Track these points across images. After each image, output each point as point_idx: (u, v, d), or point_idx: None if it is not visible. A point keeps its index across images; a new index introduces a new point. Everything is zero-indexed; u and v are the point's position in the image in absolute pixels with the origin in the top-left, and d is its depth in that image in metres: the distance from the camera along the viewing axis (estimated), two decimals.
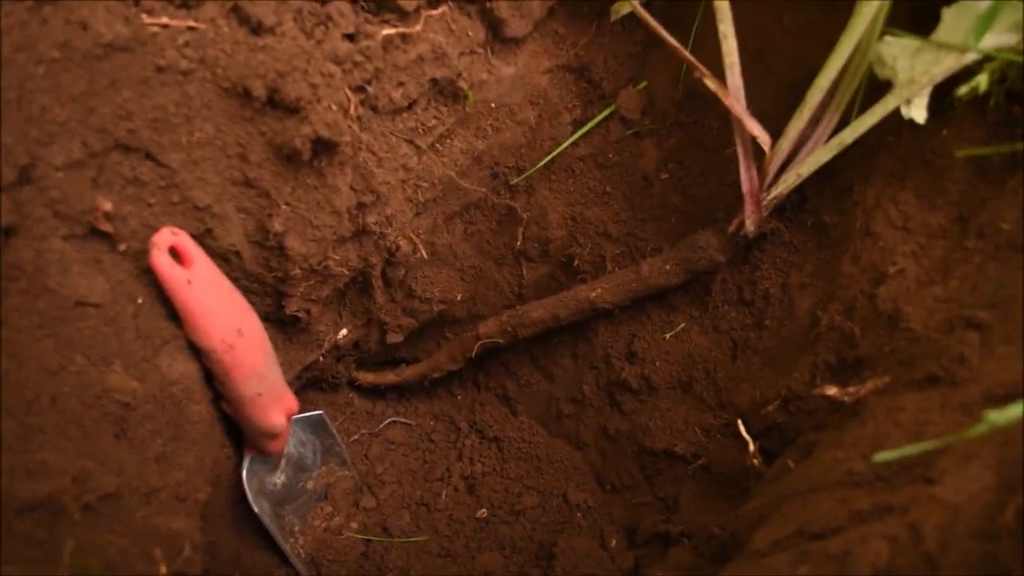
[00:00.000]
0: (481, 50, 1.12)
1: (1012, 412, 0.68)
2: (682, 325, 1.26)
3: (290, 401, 1.19)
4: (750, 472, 1.08)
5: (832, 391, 0.92)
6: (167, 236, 1.02)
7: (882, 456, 0.73)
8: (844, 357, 0.99)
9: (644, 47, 1.20)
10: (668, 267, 1.15)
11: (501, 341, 1.33)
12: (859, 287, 1.01)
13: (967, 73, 0.93)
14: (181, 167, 1.03)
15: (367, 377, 1.49)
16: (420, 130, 1.13)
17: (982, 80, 0.91)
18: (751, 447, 1.07)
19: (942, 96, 0.97)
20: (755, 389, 1.13)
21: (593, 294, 1.21)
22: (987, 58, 0.91)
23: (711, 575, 1.01)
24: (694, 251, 1.13)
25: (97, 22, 0.93)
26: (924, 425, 0.80)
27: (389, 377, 1.48)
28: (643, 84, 1.21)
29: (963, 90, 0.93)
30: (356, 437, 1.52)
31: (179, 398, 1.08)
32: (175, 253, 1.03)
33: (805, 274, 1.11)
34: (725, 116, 1.15)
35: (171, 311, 1.06)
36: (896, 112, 0.99)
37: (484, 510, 1.42)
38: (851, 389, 0.92)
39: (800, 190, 1.13)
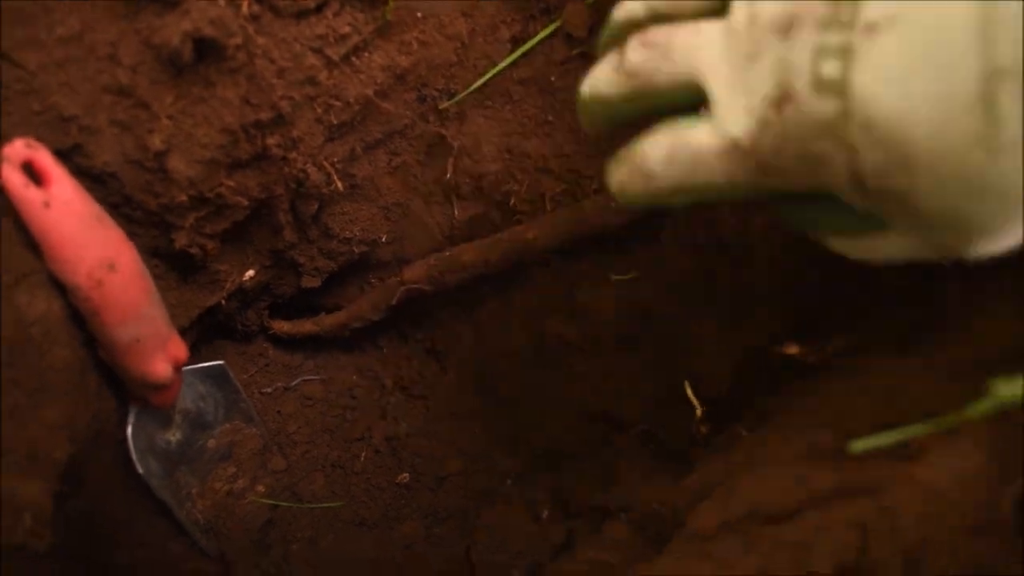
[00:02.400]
0: None
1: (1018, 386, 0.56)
2: (632, 275, 1.12)
3: (177, 348, 1.03)
4: (698, 441, 0.96)
5: (794, 350, 0.80)
6: (21, 149, 0.85)
7: (858, 445, 0.60)
8: (803, 311, 0.86)
9: None
10: (614, 205, 1.00)
11: (428, 288, 1.19)
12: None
13: None
14: (41, 70, 0.86)
15: (282, 326, 1.35)
16: (331, 38, 0.97)
17: None
18: (698, 412, 0.94)
19: None
20: (707, 348, 1.01)
21: (530, 235, 1.07)
22: None
23: (648, 556, 0.88)
24: None
25: None
26: (902, 391, 0.68)
27: (307, 327, 1.33)
28: None
29: None
30: (269, 390, 1.38)
31: (39, 341, 0.92)
32: (31, 169, 0.87)
33: (766, 220, 0.98)
34: None
35: (30, 238, 0.90)
36: None
37: (406, 475, 1.29)
38: (818, 346, 0.79)
39: None
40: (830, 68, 0.53)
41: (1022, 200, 0.49)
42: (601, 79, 0.67)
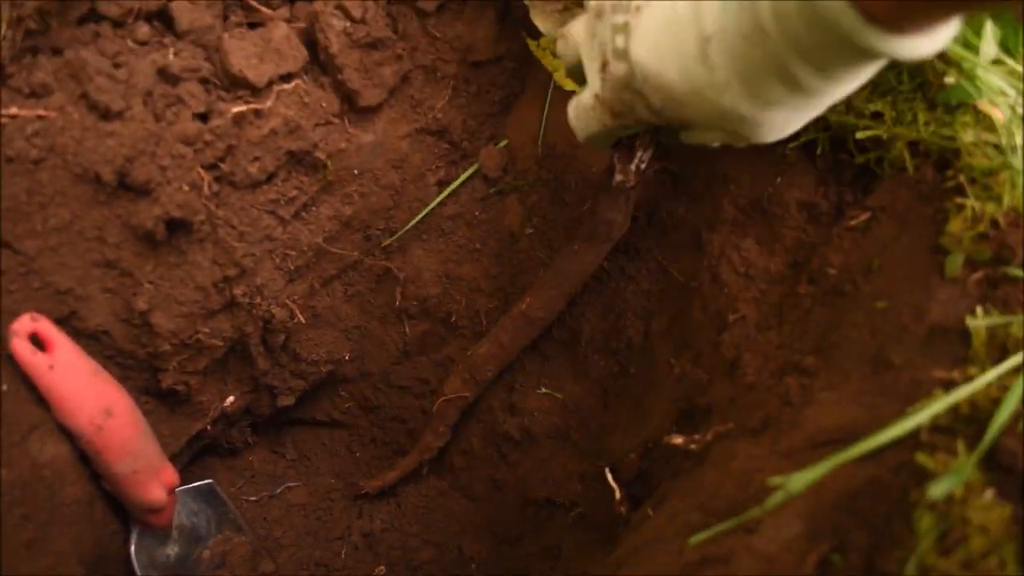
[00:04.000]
0: (337, 120, 1.15)
1: (805, 478, 0.72)
2: (555, 394, 1.29)
3: (169, 474, 1.19)
4: (619, 520, 1.11)
5: (678, 440, 0.95)
6: (26, 322, 1.02)
7: (695, 539, 0.77)
8: (695, 404, 1.02)
9: (502, 107, 1.24)
10: (577, 247, 1.14)
11: (469, 395, 1.33)
12: (706, 335, 1.04)
13: None
14: (39, 253, 1.04)
15: (375, 484, 1.48)
16: (282, 201, 1.15)
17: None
18: (617, 495, 1.09)
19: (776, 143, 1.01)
20: (623, 437, 1.16)
21: (524, 307, 1.21)
22: None
23: None
24: (592, 224, 1.12)
25: None
26: (754, 473, 0.83)
27: (391, 477, 1.47)
28: (503, 143, 1.24)
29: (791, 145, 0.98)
30: (255, 498, 1.53)
31: (51, 481, 1.08)
32: (36, 339, 1.03)
33: (663, 322, 1.15)
34: (582, 172, 1.19)
35: (39, 396, 1.07)
36: (740, 160, 1.04)
37: (382, 567, 1.43)
38: (696, 437, 0.95)
39: (660, 238, 1.17)
40: (619, 41, 0.78)
41: (754, 118, 0.72)
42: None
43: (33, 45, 1.01)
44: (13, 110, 1.00)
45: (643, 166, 1.01)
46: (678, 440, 0.95)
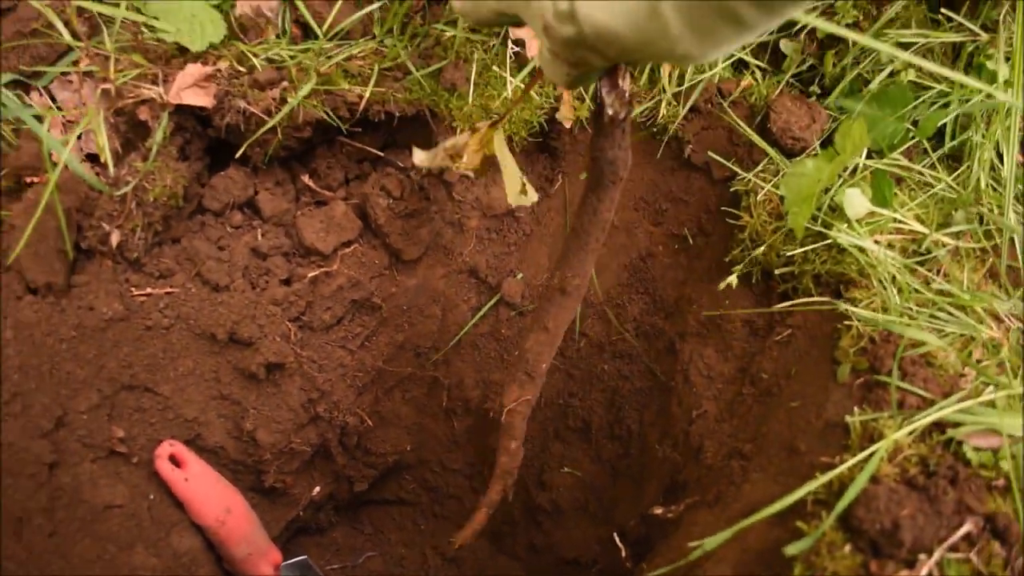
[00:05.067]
0: (387, 271, 1.49)
1: (717, 539, 1.01)
2: (572, 471, 1.59)
3: (275, 555, 1.51)
4: (628, 574, 1.40)
5: (659, 511, 1.25)
6: (166, 447, 1.36)
7: None
8: (675, 481, 1.32)
9: (517, 246, 1.56)
10: (589, 198, 1.08)
11: (531, 396, 1.34)
12: (681, 425, 1.34)
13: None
14: (172, 393, 1.38)
15: (465, 535, 1.53)
16: (349, 337, 1.49)
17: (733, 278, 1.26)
18: (623, 553, 1.38)
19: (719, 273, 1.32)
20: (628, 506, 1.46)
21: (556, 280, 1.17)
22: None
23: None
24: (597, 169, 1.04)
25: (100, 304, 1.29)
26: (706, 535, 1.13)
27: (479, 518, 1.52)
28: (520, 275, 1.57)
29: (730, 278, 1.28)
30: (340, 567, 1.85)
31: (188, 566, 1.41)
32: (174, 459, 1.37)
33: (652, 414, 1.45)
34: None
35: (177, 501, 1.40)
36: (699, 287, 1.34)
37: None
38: (673, 508, 1.24)
39: (646, 345, 1.47)
40: (562, 5, 0.80)
41: (702, 55, 0.75)
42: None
43: (159, 239, 1.37)
44: (148, 290, 1.35)
45: (628, 93, 0.98)
46: (659, 511, 1.25)
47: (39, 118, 1.32)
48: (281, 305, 1.39)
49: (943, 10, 1.36)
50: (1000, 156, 1.31)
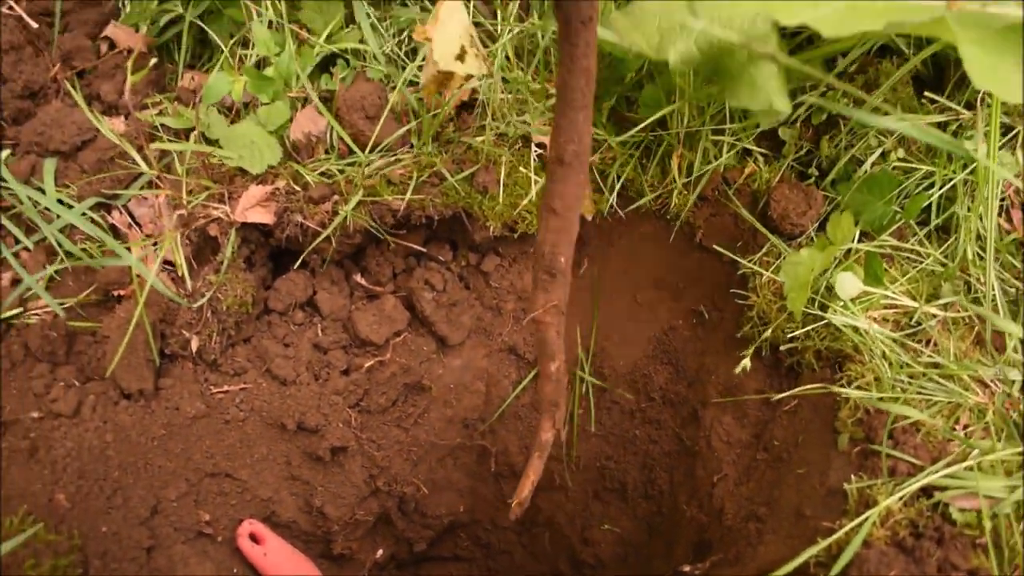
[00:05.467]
0: (435, 355, 1.65)
1: None
2: (611, 528, 1.73)
3: None
4: None
5: (687, 568, 1.38)
6: (246, 526, 1.53)
7: None
8: (701, 539, 1.45)
9: None
10: (564, 51, 0.99)
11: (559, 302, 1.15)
12: (705, 487, 1.48)
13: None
14: (249, 477, 1.55)
15: (521, 494, 1.41)
16: (403, 416, 1.65)
17: (746, 361, 1.40)
18: None
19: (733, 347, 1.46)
20: (662, 562, 1.59)
21: (557, 151, 1.03)
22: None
23: None
24: (564, 14, 0.96)
25: (184, 404, 1.47)
26: None
27: (528, 484, 1.40)
28: None
29: (743, 362, 1.42)
30: None
31: None
32: (253, 536, 1.54)
33: (680, 475, 1.59)
34: (612, 365, 1.65)
35: (258, 574, 1.57)
36: (718, 358, 1.48)
37: None
38: (698, 566, 1.38)
39: (672, 412, 1.61)
40: None
41: None
42: None
43: (232, 341, 1.54)
44: (225, 388, 1.53)
45: None
46: (687, 568, 1.38)
47: (123, 239, 1.52)
48: (342, 394, 1.56)
49: (927, 93, 1.49)
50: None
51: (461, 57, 1.35)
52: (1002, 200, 1.46)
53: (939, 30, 1.03)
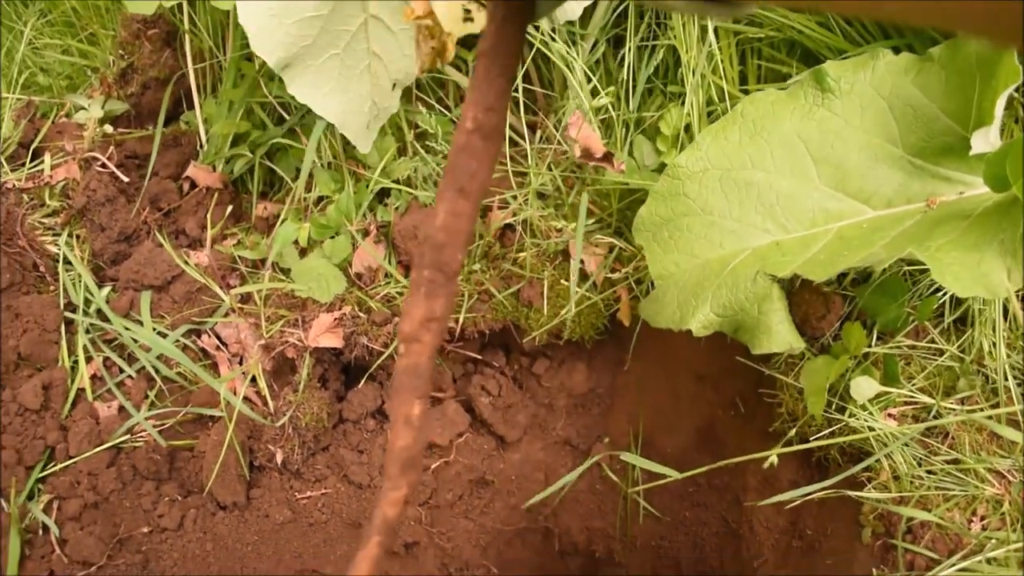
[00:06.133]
0: (495, 452, 1.80)
1: None
2: None
3: None
4: None
5: None
6: None
7: None
8: None
9: (600, 417, 1.85)
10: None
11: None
12: (749, 570, 1.59)
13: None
14: (334, 572, 1.72)
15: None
16: (470, 508, 1.80)
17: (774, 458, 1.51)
18: None
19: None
20: None
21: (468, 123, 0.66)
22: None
23: None
24: None
25: (273, 511, 1.65)
26: None
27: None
28: (607, 439, 1.85)
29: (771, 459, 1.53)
30: None
31: None
32: None
33: (728, 557, 1.70)
34: (659, 448, 1.78)
35: None
36: (757, 443, 1.60)
37: None
38: None
39: (719, 497, 1.73)
40: None
41: None
42: None
43: (312, 451, 1.72)
44: (308, 493, 1.70)
45: None
46: None
47: (212, 359, 1.71)
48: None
49: None
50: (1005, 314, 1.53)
51: (469, 17, 1.40)
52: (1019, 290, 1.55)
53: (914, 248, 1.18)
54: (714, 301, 1.36)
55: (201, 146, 1.93)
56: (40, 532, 1.55)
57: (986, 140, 1.26)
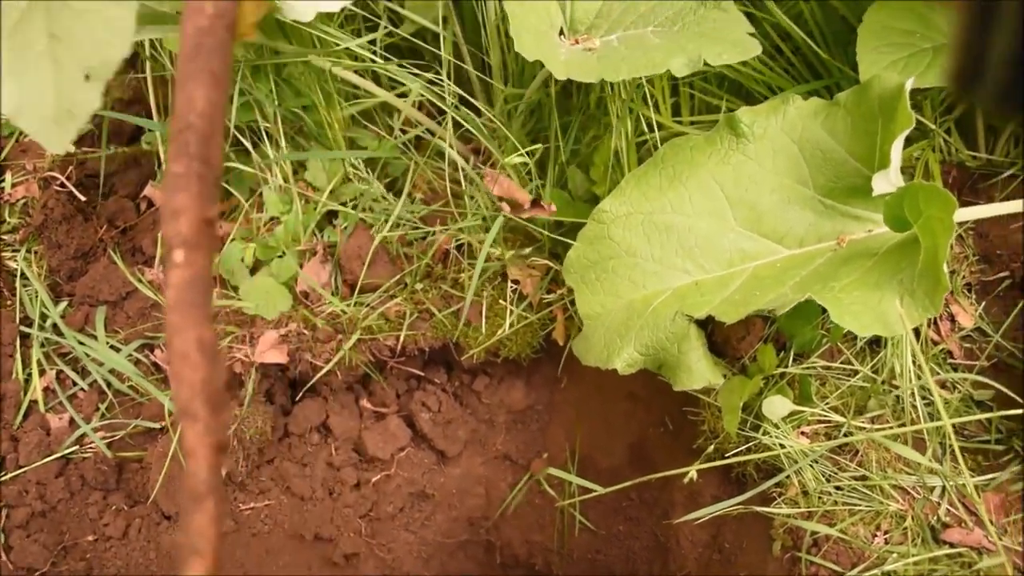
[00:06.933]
0: (436, 466, 1.86)
1: None
2: None
3: None
4: None
5: None
6: None
7: None
8: None
9: (540, 432, 1.91)
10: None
11: None
12: None
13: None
14: None
15: None
16: (410, 521, 1.86)
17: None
18: None
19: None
20: None
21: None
22: None
23: None
24: None
25: None
26: None
27: None
28: (545, 455, 1.91)
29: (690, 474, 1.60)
30: None
31: None
32: None
33: (658, 569, 1.76)
34: (595, 463, 1.84)
35: None
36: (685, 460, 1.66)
37: None
38: None
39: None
40: None
41: None
42: None
43: (256, 463, 1.77)
44: (251, 505, 1.76)
45: None
46: None
47: (164, 374, 1.77)
48: (352, 507, 1.78)
49: None
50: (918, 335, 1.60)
51: None
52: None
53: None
54: (637, 341, 1.43)
55: (159, 166, 1.99)
56: None
57: (887, 181, 1.33)
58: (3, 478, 1.64)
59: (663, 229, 1.48)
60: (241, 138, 1.87)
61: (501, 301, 1.75)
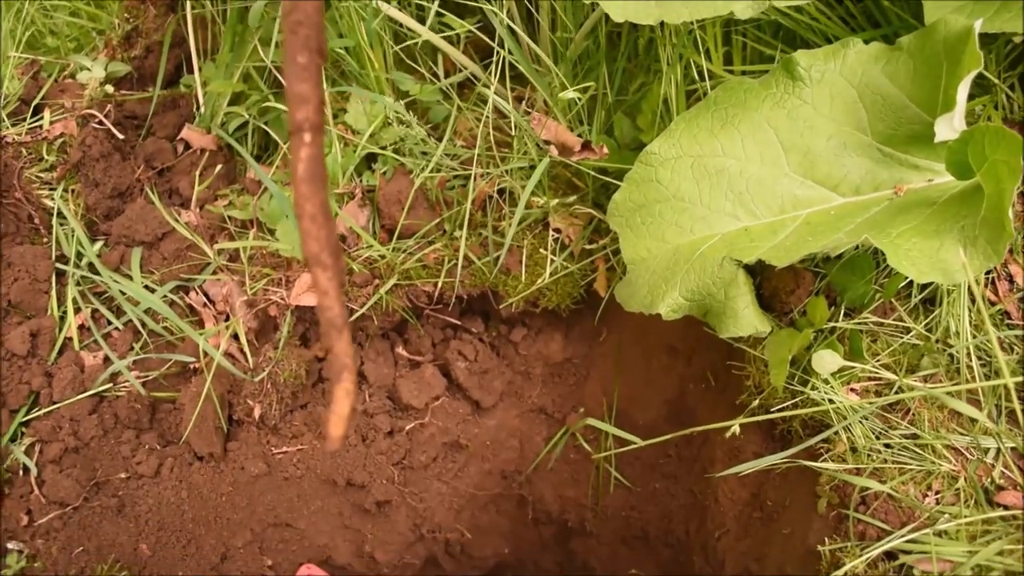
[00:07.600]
0: (471, 417, 1.83)
1: None
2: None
3: None
4: None
5: None
6: (304, 570, 1.74)
7: None
8: None
9: (576, 386, 1.88)
10: None
11: None
12: (712, 541, 1.61)
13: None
14: (307, 527, 1.76)
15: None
16: (443, 471, 1.83)
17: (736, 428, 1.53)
18: None
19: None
20: None
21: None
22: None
23: None
24: None
25: (249, 464, 1.68)
26: None
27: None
28: (582, 409, 1.88)
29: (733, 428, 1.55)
30: None
31: None
32: None
33: (694, 527, 1.73)
34: (634, 417, 1.80)
35: None
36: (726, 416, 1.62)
37: None
38: None
39: (688, 468, 1.76)
40: None
41: None
42: None
43: (290, 408, 1.75)
44: (284, 449, 1.74)
45: None
46: None
47: (198, 315, 1.75)
48: (386, 454, 1.75)
49: None
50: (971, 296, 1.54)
51: None
52: (988, 273, 1.56)
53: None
54: (683, 286, 1.38)
55: (198, 109, 1.96)
56: (20, 473, 1.59)
57: (950, 126, 1.27)
58: (37, 413, 1.63)
59: (713, 173, 1.43)
60: (281, 78, 1.84)
61: (542, 250, 1.71)
